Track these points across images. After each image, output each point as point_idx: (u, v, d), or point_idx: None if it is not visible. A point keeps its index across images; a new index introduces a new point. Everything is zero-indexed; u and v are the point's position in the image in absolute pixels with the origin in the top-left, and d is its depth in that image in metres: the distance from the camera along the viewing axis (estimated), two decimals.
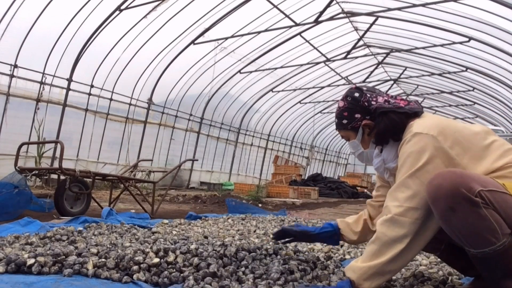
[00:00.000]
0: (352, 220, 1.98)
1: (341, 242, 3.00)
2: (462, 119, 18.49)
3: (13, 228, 2.87)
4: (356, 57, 13.03)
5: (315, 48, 11.80)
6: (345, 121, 1.80)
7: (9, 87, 7.82)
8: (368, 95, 1.75)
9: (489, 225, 1.37)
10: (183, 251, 2.00)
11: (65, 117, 9.02)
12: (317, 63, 12.97)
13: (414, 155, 1.53)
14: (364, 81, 14.57)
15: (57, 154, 8.40)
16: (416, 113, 1.68)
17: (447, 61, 12.43)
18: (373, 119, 1.74)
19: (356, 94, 1.77)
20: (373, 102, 1.74)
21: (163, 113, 11.80)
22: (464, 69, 12.42)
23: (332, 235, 1.99)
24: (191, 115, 12.83)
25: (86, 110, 9.57)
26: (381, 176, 1.87)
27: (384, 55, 13.07)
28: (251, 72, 12.58)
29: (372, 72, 14.18)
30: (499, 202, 1.38)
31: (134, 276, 1.76)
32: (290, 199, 9.38)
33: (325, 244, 2.87)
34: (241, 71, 12.46)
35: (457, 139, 1.53)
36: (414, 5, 8.79)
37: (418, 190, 1.50)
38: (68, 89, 8.93)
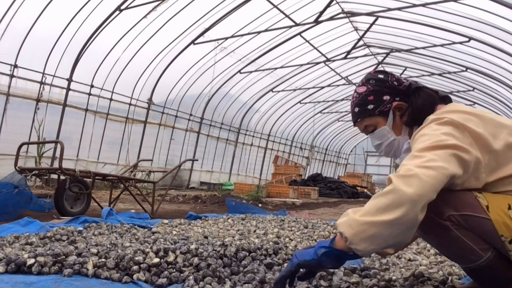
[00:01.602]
0: None
1: None
2: None
3: (13, 228, 2.87)
4: (356, 57, 13.04)
5: (315, 48, 11.80)
6: (371, 106, 1.60)
7: (9, 87, 7.83)
8: (395, 75, 1.61)
9: (464, 245, 1.34)
10: (183, 251, 2.00)
11: (65, 117, 9.02)
12: (317, 63, 12.97)
13: (430, 137, 1.36)
14: None
15: (57, 154, 8.40)
16: (443, 98, 1.57)
17: (447, 61, 12.43)
18: (404, 100, 1.57)
19: (381, 76, 1.62)
20: (404, 81, 1.60)
21: (163, 113, 11.80)
22: (464, 69, 12.42)
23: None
24: (191, 115, 12.83)
25: (86, 110, 9.57)
26: None
27: (384, 55, 13.07)
28: (251, 72, 12.58)
29: None
30: (472, 226, 1.32)
31: (134, 276, 1.76)
32: (290, 199, 9.38)
33: None
34: (241, 71, 12.46)
35: (487, 132, 1.38)
36: (414, 5, 8.79)
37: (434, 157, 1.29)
38: (68, 89, 8.93)
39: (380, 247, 1.31)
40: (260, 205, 7.08)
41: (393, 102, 1.58)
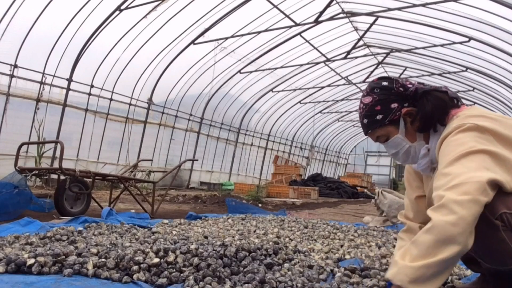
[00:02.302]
0: None
1: (341, 241, 3.01)
2: None
3: (13, 228, 2.87)
4: (356, 57, 13.03)
5: (315, 48, 11.80)
6: (379, 117, 1.54)
7: (9, 87, 7.82)
8: (400, 81, 1.55)
9: (506, 248, 1.30)
10: (183, 251, 2.00)
11: (65, 117, 9.02)
12: (317, 63, 12.97)
13: (459, 141, 1.32)
14: (364, 81, 14.57)
15: (57, 154, 8.40)
16: (456, 99, 1.49)
17: (447, 61, 12.43)
18: (413, 104, 1.52)
19: (385, 83, 1.56)
20: (409, 85, 1.53)
21: (163, 113, 11.80)
22: (464, 69, 12.42)
23: None
24: (191, 115, 12.83)
25: (86, 110, 9.57)
26: (425, 174, 1.63)
27: (384, 55, 13.06)
28: (251, 72, 12.58)
29: (372, 72, 14.18)
30: None
31: (134, 276, 1.76)
32: (290, 199, 9.38)
33: (325, 244, 2.87)
34: (241, 71, 12.46)
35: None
36: (414, 5, 8.79)
37: (462, 173, 1.25)
38: (68, 89, 8.93)
39: (442, 281, 1.26)
40: (260, 205, 7.08)
41: (402, 109, 1.53)
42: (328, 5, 9.18)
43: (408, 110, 1.53)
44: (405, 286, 1.24)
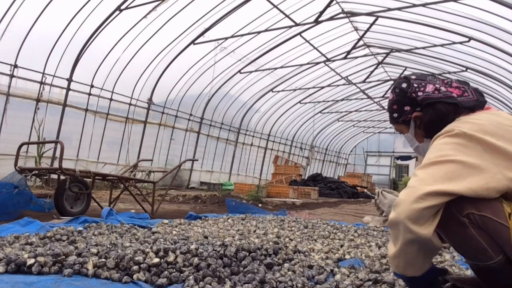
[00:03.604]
0: None
1: (341, 241, 3.01)
2: None
3: (13, 228, 2.87)
4: (356, 57, 13.03)
5: (315, 48, 11.80)
6: (395, 115, 1.70)
7: (9, 87, 7.82)
8: (415, 85, 1.62)
9: (477, 245, 1.35)
10: (183, 251, 2.00)
11: (65, 117, 9.02)
12: (317, 63, 12.96)
13: (440, 147, 1.42)
14: (364, 81, 14.57)
15: (57, 154, 8.39)
16: (472, 108, 1.53)
17: (447, 61, 12.42)
18: (423, 110, 1.62)
19: (404, 85, 1.65)
20: (419, 93, 1.60)
21: (163, 113, 11.80)
22: (464, 69, 12.42)
23: None
24: (191, 115, 12.83)
25: (86, 110, 9.57)
26: None
27: (384, 55, 13.06)
28: (251, 72, 12.58)
29: (372, 72, 14.17)
30: (489, 229, 1.33)
31: (134, 276, 1.76)
32: (290, 199, 9.38)
33: (325, 244, 2.87)
34: (241, 71, 12.46)
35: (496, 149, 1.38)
36: (414, 5, 8.79)
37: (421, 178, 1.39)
38: (68, 89, 8.93)
39: (416, 268, 1.45)
40: (260, 205, 7.08)
41: (414, 112, 1.64)
42: (328, 5, 9.18)
43: (417, 115, 1.64)
44: (394, 270, 1.52)
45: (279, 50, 11.85)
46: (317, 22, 9.84)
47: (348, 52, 12.27)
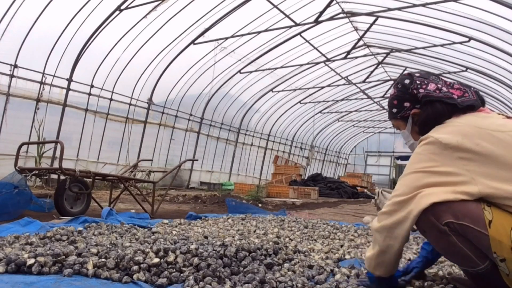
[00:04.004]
0: None
1: (341, 241, 3.01)
2: None
3: (13, 228, 2.87)
4: (356, 57, 13.03)
5: (315, 48, 11.80)
6: (394, 110, 1.71)
7: (9, 87, 7.82)
8: (418, 82, 1.63)
9: (461, 252, 1.36)
10: (183, 251, 2.00)
11: (65, 117, 9.02)
12: (317, 63, 12.97)
13: (416, 158, 1.49)
14: (364, 81, 14.57)
15: (57, 154, 8.39)
16: (470, 107, 1.54)
17: (447, 61, 12.43)
18: (422, 107, 1.63)
19: (407, 81, 1.66)
20: (421, 90, 1.61)
21: (163, 113, 11.80)
22: (464, 69, 12.42)
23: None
24: (191, 115, 12.83)
25: (86, 110, 9.57)
26: None
27: (384, 55, 13.06)
28: (251, 72, 12.58)
29: (372, 72, 14.18)
30: (469, 237, 1.33)
31: (134, 276, 1.76)
32: (290, 199, 9.38)
33: (325, 244, 2.87)
34: (241, 71, 12.46)
35: (477, 154, 1.38)
36: (414, 5, 8.79)
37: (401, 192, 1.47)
38: (68, 89, 8.93)
39: (386, 269, 1.59)
40: (260, 205, 7.08)
41: (413, 109, 1.66)
42: (328, 5, 9.18)
43: (415, 112, 1.66)
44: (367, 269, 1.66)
45: (279, 50, 11.85)
46: (317, 22, 9.84)
47: (348, 52, 12.27)
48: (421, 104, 1.62)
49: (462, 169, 1.38)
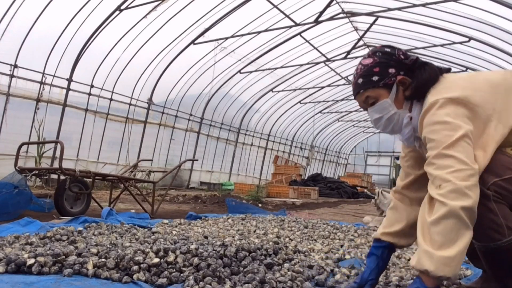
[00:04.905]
0: (395, 227, 1.70)
1: (341, 241, 3.01)
2: None
3: (13, 228, 2.87)
4: (356, 57, 13.01)
5: (315, 48, 11.80)
6: (375, 78, 1.60)
7: (9, 87, 7.82)
8: (402, 50, 1.63)
9: (494, 219, 1.36)
10: (183, 251, 2.00)
11: (65, 117, 9.02)
12: (317, 63, 12.97)
13: (447, 126, 1.41)
14: None
15: (57, 154, 8.39)
16: (441, 70, 1.59)
17: (447, 61, 12.42)
18: (408, 74, 1.59)
19: (388, 49, 1.62)
20: (410, 55, 1.61)
21: (163, 113, 11.80)
22: (464, 69, 12.41)
23: (386, 258, 1.71)
24: (191, 115, 12.83)
25: (86, 110, 9.57)
26: (410, 145, 1.72)
27: None
28: (251, 72, 12.58)
29: None
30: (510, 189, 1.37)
31: (134, 276, 1.76)
32: (290, 199, 9.38)
33: (325, 244, 2.87)
34: (241, 71, 12.46)
35: (486, 102, 1.44)
36: (414, 5, 8.79)
37: (462, 155, 1.36)
38: (68, 89, 8.93)
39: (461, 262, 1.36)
40: (260, 205, 7.08)
41: (398, 76, 1.59)
42: (328, 5, 9.18)
43: (403, 78, 1.59)
44: (443, 274, 1.30)
45: (279, 50, 11.85)
46: (317, 22, 9.84)
47: (348, 52, 12.27)
48: (408, 71, 1.59)
49: (489, 120, 1.42)
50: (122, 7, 8.19)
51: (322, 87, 15.39)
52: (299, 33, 11.08)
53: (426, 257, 1.32)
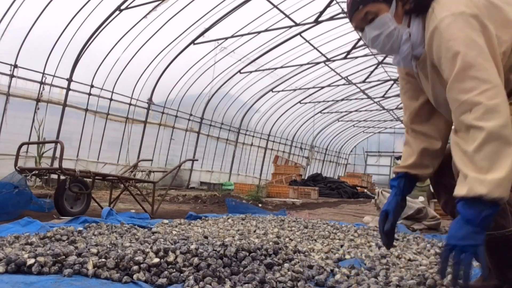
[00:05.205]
0: (409, 161, 1.72)
1: (341, 241, 3.01)
2: None
3: (13, 228, 2.87)
4: (356, 57, 13.02)
5: (315, 48, 11.80)
6: None
7: (9, 87, 7.82)
8: None
9: (502, 209, 1.32)
10: (183, 251, 2.00)
11: (65, 117, 9.02)
12: (317, 63, 12.97)
13: (461, 42, 1.34)
14: (364, 81, 14.57)
15: (57, 154, 8.39)
16: None
17: None
18: None
19: None
20: None
21: (163, 113, 11.80)
22: None
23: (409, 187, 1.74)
24: (191, 115, 12.83)
25: (86, 110, 9.57)
26: (407, 67, 1.67)
27: (384, 55, 13.06)
28: (251, 72, 12.58)
29: (372, 72, 14.18)
30: None
31: (134, 276, 1.76)
32: (290, 199, 9.38)
33: (325, 244, 2.87)
34: (241, 71, 12.46)
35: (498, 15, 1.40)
36: None
37: (485, 74, 1.31)
38: (68, 89, 8.93)
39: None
40: (260, 205, 7.08)
41: None
42: (328, 5, 9.18)
43: None
44: (502, 196, 1.24)
45: (279, 50, 11.85)
46: (317, 22, 9.84)
47: (348, 52, 12.26)
48: None
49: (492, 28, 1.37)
50: (122, 7, 8.19)
51: (322, 87, 15.39)
52: (299, 33, 11.07)
53: (476, 183, 1.25)
